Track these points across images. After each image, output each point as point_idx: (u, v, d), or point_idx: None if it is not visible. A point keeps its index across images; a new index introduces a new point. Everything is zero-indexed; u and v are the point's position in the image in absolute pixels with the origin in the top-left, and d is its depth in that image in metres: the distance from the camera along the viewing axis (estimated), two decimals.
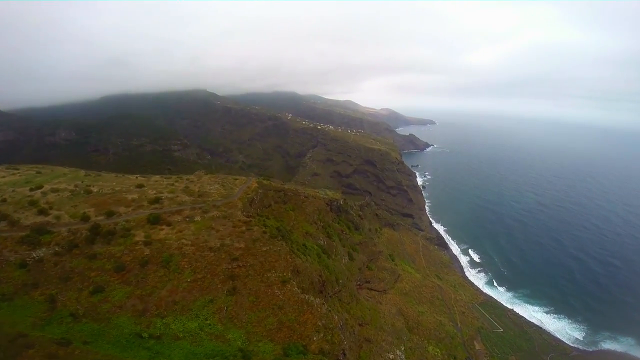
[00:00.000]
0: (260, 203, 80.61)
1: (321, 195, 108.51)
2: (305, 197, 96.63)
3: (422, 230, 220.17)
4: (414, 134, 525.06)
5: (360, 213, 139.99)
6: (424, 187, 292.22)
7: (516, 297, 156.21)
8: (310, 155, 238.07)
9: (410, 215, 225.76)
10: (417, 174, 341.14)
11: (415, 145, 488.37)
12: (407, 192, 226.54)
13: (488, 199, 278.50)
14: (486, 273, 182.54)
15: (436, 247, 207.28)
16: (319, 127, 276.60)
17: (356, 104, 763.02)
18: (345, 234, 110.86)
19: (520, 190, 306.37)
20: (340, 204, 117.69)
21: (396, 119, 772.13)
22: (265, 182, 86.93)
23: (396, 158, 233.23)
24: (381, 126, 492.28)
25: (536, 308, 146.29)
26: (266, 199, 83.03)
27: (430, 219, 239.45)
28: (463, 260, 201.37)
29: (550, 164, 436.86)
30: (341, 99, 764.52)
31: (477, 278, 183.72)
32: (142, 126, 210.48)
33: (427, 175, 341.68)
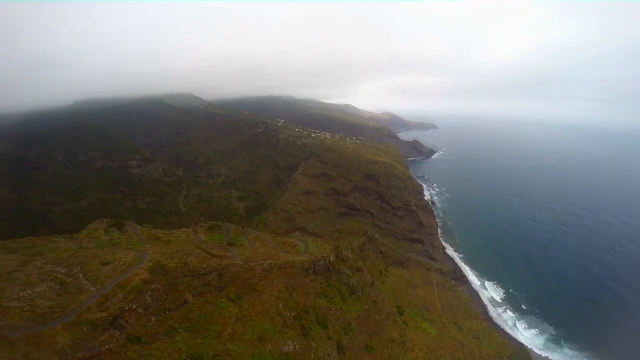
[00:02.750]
0: (158, 306, 39.52)
1: (298, 257, 66.28)
2: (263, 271, 54.87)
3: (434, 260, 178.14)
4: (417, 139, 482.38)
5: (360, 263, 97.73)
6: (432, 202, 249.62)
7: (550, 342, 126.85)
8: (302, 169, 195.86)
9: (420, 241, 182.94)
10: (424, 186, 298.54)
11: (420, 151, 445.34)
12: (417, 213, 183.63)
13: (503, 217, 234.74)
14: (512, 312, 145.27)
15: (452, 282, 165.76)
16: (313, 135, 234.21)
17: (356, 107, 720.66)
18: (336, 310, 69.60)
19: (536, 207, 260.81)
20: (330, 261, 75.87)
21: (397, 123, 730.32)
22: (170, 265, 43.72)
23: (403, 173, 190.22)
24: (382, 132, 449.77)
25: (575, 353, 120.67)
26: (174, 294, 41.73)
27: (443, 243, 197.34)
28: (484, 296, 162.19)
29: (564, 173, 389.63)
30: (340, 103, 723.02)
31: (502, 320, 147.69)
32: (93, 137, 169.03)
33: (435, 187, 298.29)
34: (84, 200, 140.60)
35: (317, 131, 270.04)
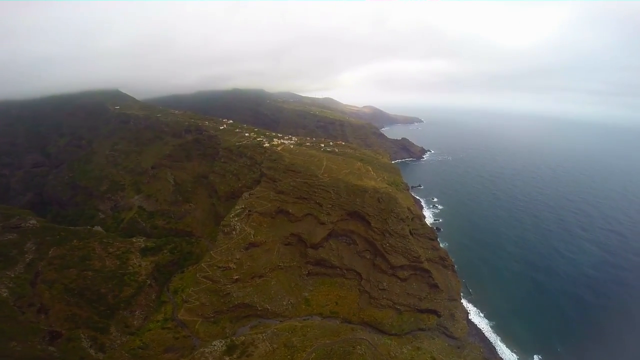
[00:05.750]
0: None
1: None
2: None
3: (455, 339, 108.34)
4: (405, 136, 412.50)
5: None
6: (438, 228, 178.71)
7: None
8: (243, 206, 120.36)
9: (435, 312, 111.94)
10: (422, 201, 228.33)
11: (410, 152, 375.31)
12: (429, 272, 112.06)
13: (524, 253, 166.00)
14: None
15: None
16: (266, 145, 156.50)
17: (336, 101, 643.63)
18: None
19: (567, 238, 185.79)
20: None
21: (380, 117, 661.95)
22: None
23: (409, 209, 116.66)
24: (367, 129, 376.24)
25: None
26: None
27: (465, 305, 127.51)
28: None
29: (603, 183, 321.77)
30: (319, 96, 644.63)
31: None
32: None
33: (436, 202, 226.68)
34: None
35: (279, 135, 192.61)
